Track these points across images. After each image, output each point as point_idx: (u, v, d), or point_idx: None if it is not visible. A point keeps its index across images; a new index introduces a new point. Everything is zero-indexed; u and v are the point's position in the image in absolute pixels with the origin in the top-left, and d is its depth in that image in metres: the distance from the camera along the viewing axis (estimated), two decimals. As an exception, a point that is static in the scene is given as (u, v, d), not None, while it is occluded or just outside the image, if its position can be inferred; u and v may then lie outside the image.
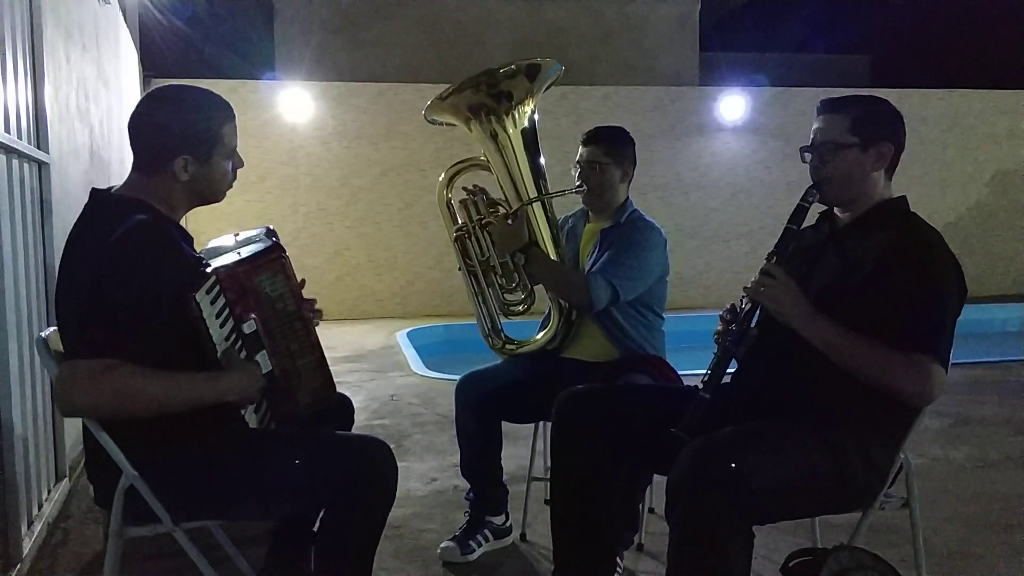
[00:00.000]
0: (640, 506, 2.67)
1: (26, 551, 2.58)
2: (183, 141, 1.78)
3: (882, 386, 1.78)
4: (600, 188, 2.74)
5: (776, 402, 1.92)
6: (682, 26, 11.64)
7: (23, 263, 2.82)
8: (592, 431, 2.09)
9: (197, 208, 1.93)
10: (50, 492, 3.07)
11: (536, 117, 2.73)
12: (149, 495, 1.72)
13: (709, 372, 1.95)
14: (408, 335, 7.73)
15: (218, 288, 1.75)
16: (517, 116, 2.66)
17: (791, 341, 1.87)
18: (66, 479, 3.25)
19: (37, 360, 2.88)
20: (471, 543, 2.67)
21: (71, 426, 3.28)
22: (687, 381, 2.43)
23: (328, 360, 1.99)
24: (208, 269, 1.77)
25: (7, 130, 2.72)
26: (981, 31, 13.71)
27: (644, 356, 2.68)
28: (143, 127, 1.80)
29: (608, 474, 2.13)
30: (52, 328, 1.84)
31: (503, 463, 2.81)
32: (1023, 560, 2.70)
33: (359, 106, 9.21)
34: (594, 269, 2.65)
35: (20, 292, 2.77)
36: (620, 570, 2.44)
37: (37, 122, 3.19)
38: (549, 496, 2.31)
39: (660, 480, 2.10)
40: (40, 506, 2.91)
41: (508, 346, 2.82)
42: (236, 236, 2.01)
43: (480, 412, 2.68)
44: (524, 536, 2.85)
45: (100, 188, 1.83)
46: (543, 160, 2.74)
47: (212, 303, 1.74)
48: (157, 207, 1.79)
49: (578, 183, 2.75)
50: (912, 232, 1.89)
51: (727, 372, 1.98)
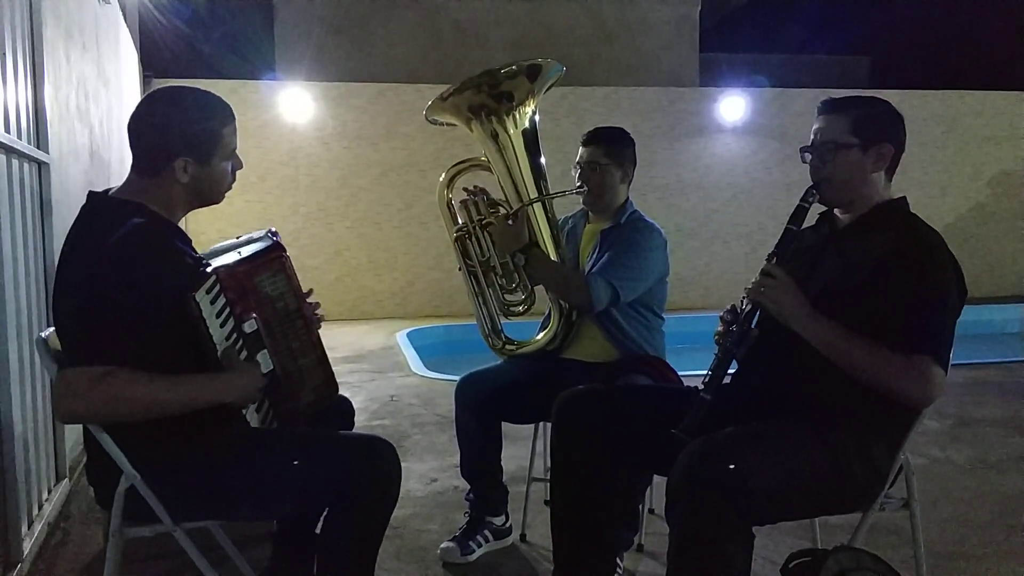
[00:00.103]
0: (640, 507, 2.67)
1: (26, 551, 2.58)
2: (183, 143, 1.77)
3: (882, 387, 1.78)
4: (600, 189, 2.74)
5: (776, 403, 1.92)
6: (682, 27, 11.64)
7: (23, 263, 2.82)
8: (592, 432, 2.09)
9: (197, 209, 1.93)
10: (50, 492, 3.07)
11: (537, 118, 2.73)
12: (149, 495, 1.72)
13: (710, 373, 1.95)
14: (408, 335, 7.73)
15: (218, 288, 1.75)
16: (518, 116, 2.66)
17: (791, 342, 1.87)
18: (66, 479, 3.25)
19: (37, 360, 2.88)
20: (471, 544, 2.67)
21: (71, 427, 3.28)
22: (687, 382, 2.43)
23: (330, 360, 2.00)
24: (208, 269, 1.76)
25: (7, 130, 2.72)
26: (981, 32, 13.71)
27: (644, 357, 2.68)
28: (143, 128, 1.80)
29: (608, 475, 2.13)
30: (52, 328, 1.83)
31: (503, 464, 2.81)
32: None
33: (359, 106, 9.21)
34: (594, 270, 2.65)
35: (20, 292, 2.77)
36: (620, 571, 2.44)
37: (37, 122, 3.19)
38: (549, 497, 2.31)
39: (660, 481, 2.10)
40: (40, 506, 2.91)
41: (508, 347, 2.82)
42: (238, 238, 2.01)
43: (480, 413, 2.68)
44: (524, 537, 2.85)
45: (97, 191, 1.82)
46: (543, 160, 2.75)
47: (212, 303, 1.74)
48: (155, 209, 1.78)
49: (578, 184, 2.75)
50: (912, 233, 1.89)
51: (727, 373, 1.98)
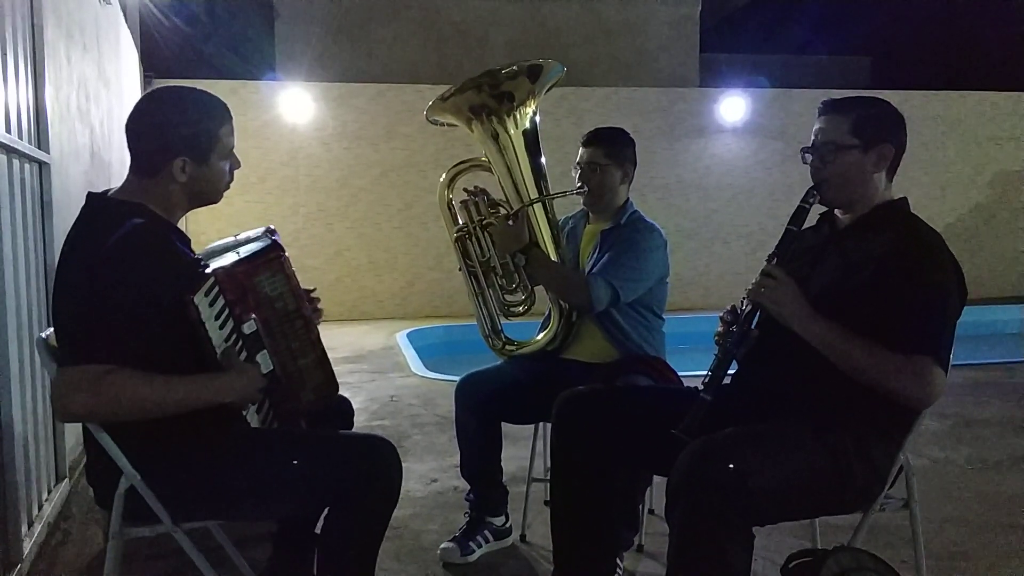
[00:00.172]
0: (640, 507, 2.67)
1: (26, 552, 2.58)
2: (181, 143, 1.77)
3: (882, 388, 1.78)
4: (600, 189, 2.74)
5: (776, 403, 1.92)
6: (682, 27, 11.64)
7: (23, 263, 2.82)
8: (592, 432, 2.09)
9: (197, 209, 1.92)
10: (50, 492, 3.07)
11: (537, 118, 2.72)
12: (150, 495, 1.72)
13: (710, 373, 1.94)
14: (408, 336, 7.73)
15: (217, 289, 1.75)
16: (518, 117, 2.66)
17: (792, 343, 1.87)
18: (66, 479, 3.25)
19: (37, 360, 2.88)
20: (471, 544, 2.67)
21: (71, 427, 3.28)
22: (687, 382, 2.43)
23: (330, 360, 2.00)
24: (207, 270, 1.76)
25: (8, 130, 2.72)
26: (982, 32, 13.71)
27: (644, 357, 2.68)
28: (140, 129, 1.80)
29: (608, 475, 2.13)
30: (52, 329, 1.83)
31: (503, 464, 2.81)
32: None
33: (359, 107, 9.21)
34: (594, 270, 2.65)
35: (20, 292, 2.77)
36: (620, 571, 2.44)
37: (38, 122, 3.19)
38: (549, 497, 2.31)
39: (660, 481, 2.10)
40: (40, 506, 2.90)
41: (508, 347, 2.82)
42: (236, 237, 2.01)
43: (480, 413, 2.68)
44: (524, 537, 2.85)
45: (96, 191, 1.82)
46: (544, 161, 2.75)
47: (211, 304, 1.73)
48: (154, 210, 1.78)
49: (578, 184, 2.75)
50: (912, 234, 1.89)
51: (727, 373, 1.98)
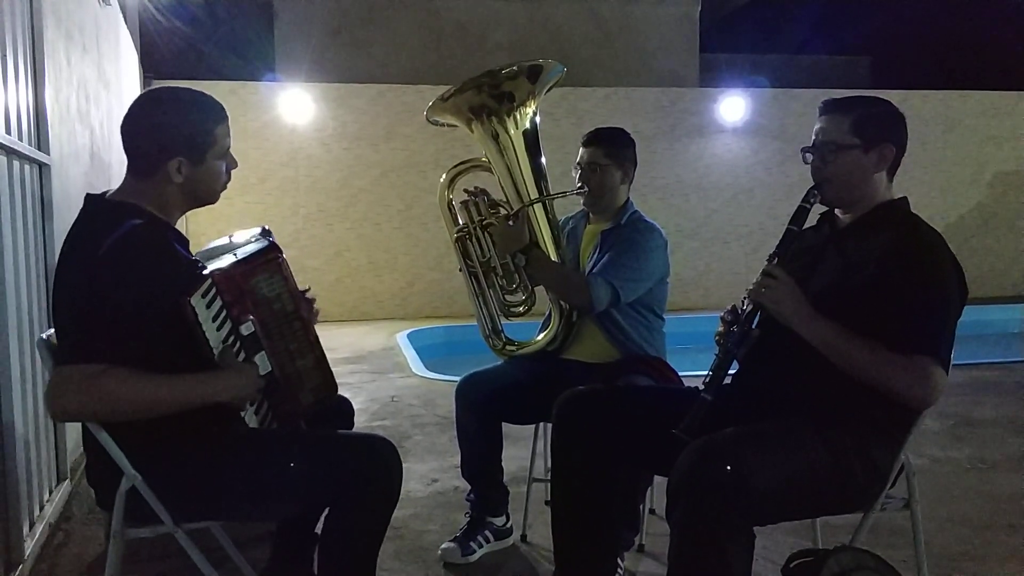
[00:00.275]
0: (641, 507, 2.67)
1: (27, 552, 2.58)
2: (177, 143, 1.77)
3: (883, 388, 1.78)
4: (600, 189, 2.74)
5: (777, 403, 1.92)
6: (682, 27, 11.64)
7: (24, 264, 2.82)
8: (592, 432, 2.08)
9: (197, 210, 1.92)
10: (51, 493, 3.07)
11: (537, 118, 2.72)
12: (150, 496, 1.72)
13: (710, 373, 1.94)
14: (408, 336, 7.73)
15: (214, 291, 1.75)
16: (519, 117, 2.66)
17: (792, 343, 1.87)
18: (67, 480, 3.25)
19: (38, 361, 2.88)
20: (472, 544, 2.67)
21: (72, 427, 3.28)
22: (688, 382, 2.43)
23: (329, 361, 2.00)
24: (204, 272, 1.76)
25: (8, 131, 2.72)
26: (981, 32, 13.72)
27: (644, 357, 2.68)
28: (136, 130, 1.79)
29: (609, 475, 2.13)
30: (53, 329, 1.83)
31: (504, 464, 2.81)
32: (1024, 561, 2.70)
33: (359, 107, 9.21)
34: (595, 270, 2.65)
35: (21, 293, 2.77)
36: (621, 571, 2.44)
37: (38, 124, 3.19)
38: (550, 497, 2.31)
39: (661, 481, 2.10)
40: (41, 507, 2.91)
41: (508, 347, 2.82)
42: (231, 237, 2.00)
43: (481, 413, 2.68)
44: (525, 537, 2.85)
45: (94, 193, 1.82)
46: (544, 161, 2.75)
47: (208, 306, 1.73)
48: (152, 211, 1.78)
49: (579, 184, 2.75)
50: (913, 234, 1.89)
51: (728, 373, 1.98)
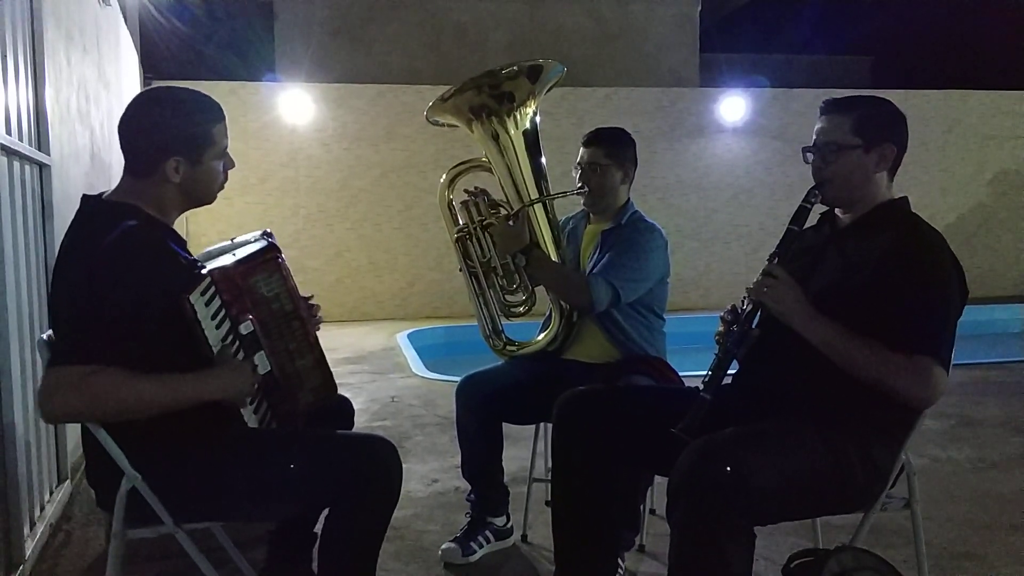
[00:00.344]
0: (641, 507, 2.67)
1: (28, 553, 2.59)
2: (174, 143, 1.77)
3: (883, 388, 1.78)
4: (601, 189, 2.73)
5: (777, 403, 1.91)
6: (682, 27, 11.64)
7: (24, 265, 2.82)
8: (593, 432, 2.08)
9: (197, 210, 1.93)
10: (52, 494, 3.07)
11: (538, 118, 2.72)
12: (151, 496, 1.72)
13: (710, 373, 1.94)
14: (409, 336, 7.73)
15: (213, 289, 1.75)
16: (519, 117, 2.66)
17: (793, 342, 1.87)
18: (68, 481, 3.25)
19: (38, 361, 2.87)
20: (472, 544, 2.67)
21: (73, 428, 3.28)
22: (688, 382, 2.42)
23: (328, 361, 2.00)
24: (203, 271, 1.76)
25: (8, 132, 2.72)
26: (981, 32, 13.72)
27: (645, 357, 2.68)
28: (134, 130, 1.79)
29: (609, 475, 2.13)
30: (51, 332, 1.83)
31: (504, 464, 2.81)
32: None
33: (359, 108, 9.21)
34: (595, 271, 2.65)
35: (21, 294, 2.77)
36: (622, 571, 2.44)
37: (38, 124, 3.19)
38: (550, 497, 2.31)
39: (661, 481, 2.10)
40: (42, 508, 2.91)
41: (509, 347, 2.82)
42: (233, 239, 2.01)
43: (481, 413, 2.68)
44: (525, 537, 2.85)
45: (91, 194, 1.82)
46: (544, 161, 2.74)
47: (207, 304, 1.74)
48: (149, 211, 1.78)
49: (579, 184, 2.75)
50: (913, 233, 1.89)
51: (728, 373, 1.98)
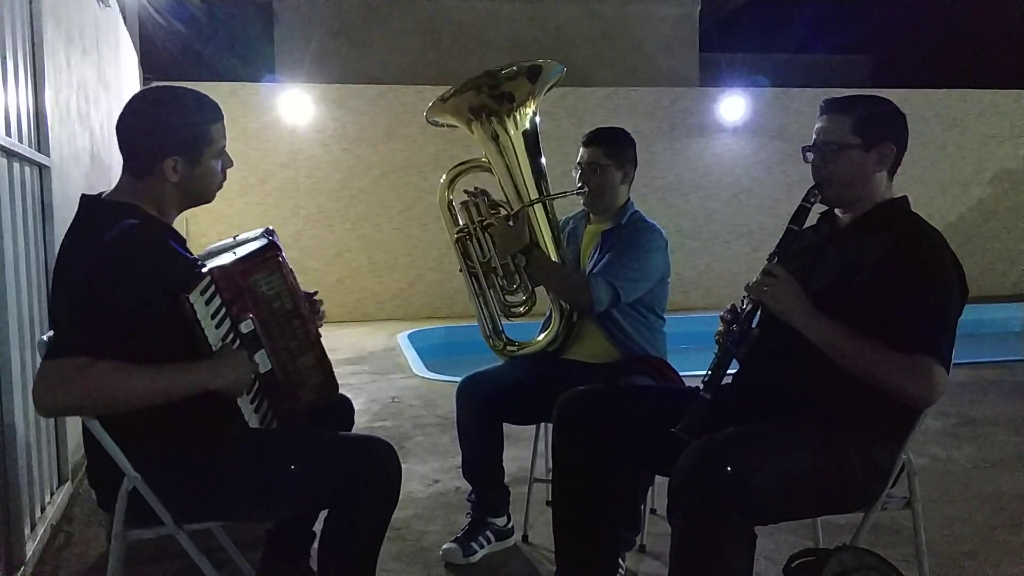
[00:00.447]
0: (642, 507, 2.67)
1: (29, 554, 2.59)
2: (172, 142, 1.77)
3: (884, 387, 1.78)
4: (601, 189, 2.73)
5: (777, 402, 1.92)
6: (682, 27, 11.64)
7: (24, 266, 2.83)
8: (593, 432, 2.09)
9: (197, 210, 1.93)
10: (53, 495, 3.07)
11: (537, 119, 2.72)
12: (151, 497, 1.72)
13: (710, 373, 1.94)
14: (409, 337, 7.73)
15: (213, 288, 1.75)
16: (518, 117, 2.66)
17: (792, 341, 1.87)
18: (68, 482, 3.25)
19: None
20: (473, 544, 2.67)
21: (73, 429, 3.29)
22: (688, 382, 2.43)
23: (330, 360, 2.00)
24: (203, 270, 1.77)
25: (8, 133, 2.72)
26: (981, 31, 13.71)
27: (645, 357, 2.68)
28: (132, 129, 1.80)
29: (609, 475, 2.13)
30: (53, 331, 1.83)
31: (504, 464, 2.81)
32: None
33: (359, 108, 9.21)
34: (595, 271, 2.65)
35: (21, 295, 2.77)
36: (622, 571, 2.44)
37: (38, 125, 3.19)
38: (551, 497, 2.31)
39: (662, 481, 2.09)
40: (43, 509, 2.91)
41: (509, 347, 2.82)
42: (235, 238, 2.01)
43: (481, 414, 2.68)
44: (526, 537, 2.85)
45: (90, 194, 1.82)
46: (544, 161, 2.74)
47: (207, 303, 1.74)
48: (148, 210, 1.79)
49: (579, 185, 2.75)
50: (913, 233, 1.88)
51: (728, 372, 1.98)
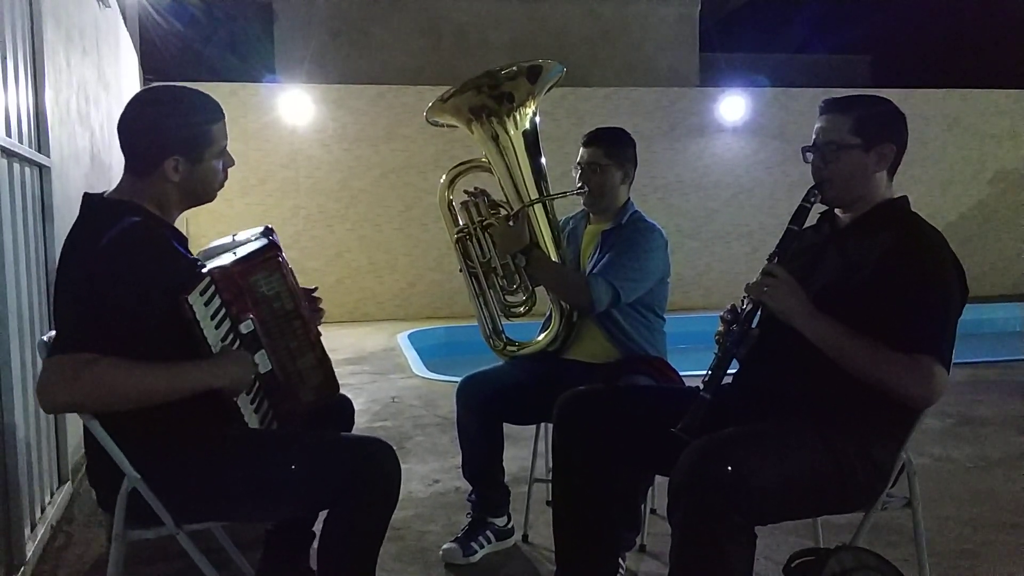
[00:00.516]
0: (642, 507, 2.67)
1: (29, 554, 2.59)
2: (173, 142, 1.78)
3: (884, 386, 1.78)
4: (601, 189, 2.73)
5: (777, 402, 1.91)
6: (682, 26, 11.65)
7: (24, 267, 2.83)
8: (593, 432, 2.09)
9: (197, 211, 1.93)
10: (53, 495, 3.07)
11: (537, 119, 2.72)
12: (152, 497, 1.72)
13: (710, 372, 1.94)
14: (409, 337, 7.73)
15: (213, 289, 1.75)
16: (518, 117, 2.66)
17: (792, 341, 1.87)
18: (69, 482, 3.25)
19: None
20: (473, 544, 2.67)
21: (73, 429, 3.29)
22: (688, 382, 2.43)
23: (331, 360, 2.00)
24: (203, 270, 1.77)
25: (8, 134, 2.72)
26: (981, 31, 13.72)
27: (645, 357, 2.68)
28: (133, 129, 1.80)
29: (609, 475, 2.13)
30: (54, 331, 1.83)
31: (505, 464, 2.81)
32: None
33: (359, 108, 9.22)
34: (595, 271, 2.65)
35: (22, 295, 2.77)
36: (623, 571, 2.44)
37: (38, 126, 3.19)
38: (551, 497, 2.31)
39: (662, 481, 2.10)
40: (43, 509, 2.91)
41: (509, 347, 2.82)
42: (235, 236, 2.01)
43: (481, 414, 2.68)
44: (526, 537, 2.85)
45: (92, 193, 1.82)
46: (544, 161, 2.75)
47: (207, 304, 1.74)
48: (150, 209, 1.79)
49: (579, 185, 2.75)
50: (913, 232, 1.88)
51: (728, 372, 1.98)
